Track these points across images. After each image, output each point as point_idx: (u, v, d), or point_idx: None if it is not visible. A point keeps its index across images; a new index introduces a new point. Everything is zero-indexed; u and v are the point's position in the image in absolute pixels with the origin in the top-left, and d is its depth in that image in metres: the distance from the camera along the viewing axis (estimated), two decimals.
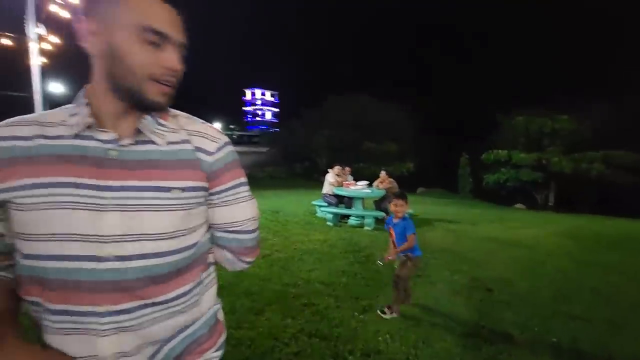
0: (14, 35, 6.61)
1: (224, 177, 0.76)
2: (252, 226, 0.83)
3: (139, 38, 0.62)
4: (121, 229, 0.63)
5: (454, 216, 9.30)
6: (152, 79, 0.64)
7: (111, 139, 0.65)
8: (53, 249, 0.62)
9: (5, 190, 0.62)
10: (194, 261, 0.74)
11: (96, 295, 0.63)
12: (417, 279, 4.01)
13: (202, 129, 0.75)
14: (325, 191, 7.46)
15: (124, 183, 0.64)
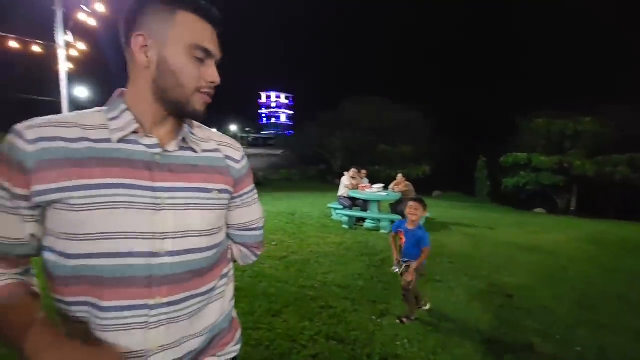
0: (44, 43, 6.90)
1: (245, 182, 0.87)
2: (262, 223, 0.97)
3: (188, 54, 0.69)
4: (173, 226, 0.70)
5: (471, 220, 9.15)
6: (197, 91, 0.71)
7: (155, 144, 0.71)
8: (109, 247, 0.64)
9: (56, 191, 0.63)
10: (221, 256, 0.83)
11: (148, 289, 0.67)
12: (435, 283, 3.98)
13: (226, 139, 0.86)
14: (340, 194, 7.47)
15: (174, 184, 0.71)
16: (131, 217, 0.66)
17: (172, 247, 0.70)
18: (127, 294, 0.66)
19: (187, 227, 0.72)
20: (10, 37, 6.48)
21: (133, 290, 0.66)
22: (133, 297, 0.66)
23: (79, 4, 6.30)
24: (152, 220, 0.68)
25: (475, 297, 3.67)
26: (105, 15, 6.36)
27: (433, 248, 5.47)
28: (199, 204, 0.74)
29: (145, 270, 0.67)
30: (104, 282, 0.65)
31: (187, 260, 0.72)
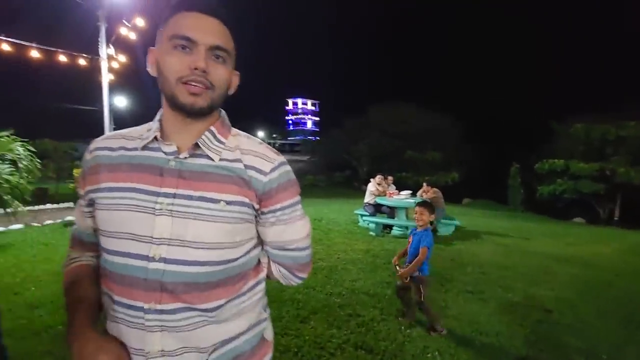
0: (89, 56, 7.39)
1: (278, 196, 0.76)
2: (305, 244, 0.85)
3: (169, 46, 0.68)
4: (169, 232, 0.68)
5: (504, 229, 8.78)
6: (181, 82, 0.68)
7: (172, 151, 0.72)
8: (116, 245, 0.71)
9: (93, 191, 0.75)
10: (237, 275, 0.75)
11: (144, 292, 0.68)
12: (466, 294, 3.85)
13: (258, 148, 0.77)
14: (367, 200, 7.42)
15: (177, 191, 0.70)
16: (132, 219, 0.69)
17: (167, 254, 0.68)
18: (128, 293, 0.69)
19: (184, 237, 0.69)
20: (59, 52, 7.00)
21: (132, 291, 0.69)
22: (132, 297, 0.69)
23: (121, 20, 6.71)
24: (151, 225, 0.68)
25: (510, 310, 3.51)
26: (144, 28, 6.72)
27: (464, 257, 5.36)
28: (201, 214, 0.69)
29: (141, 272, 0.68)
30: (114, 278, 0.71)
31: (181, 271, 0.69)
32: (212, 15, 0.70)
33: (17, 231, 6.33)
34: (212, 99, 0.71)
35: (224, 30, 0.71)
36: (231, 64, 0.74)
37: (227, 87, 0.75)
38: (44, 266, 4.29)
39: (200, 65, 0.66)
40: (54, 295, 3.38)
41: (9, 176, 5.52)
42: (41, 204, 9.47)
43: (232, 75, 0.76)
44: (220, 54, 0.70)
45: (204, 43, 0.67)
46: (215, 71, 0.69)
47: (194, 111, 0.70)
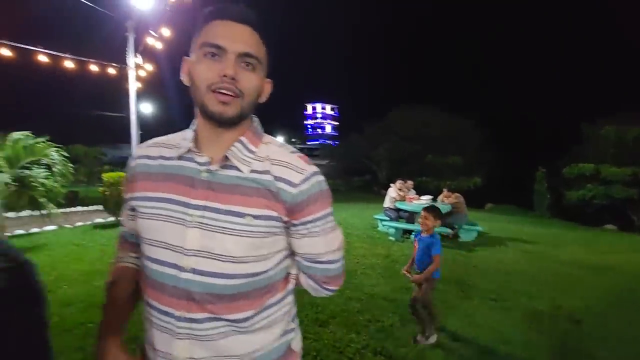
0: (117, 65, 7.73)
1: (309, 208, 0.74)
2: (337, 256, 0.83)
3: (200, 55, 0.69)
4: (199, 245, 0.69)
5: (529, 236, 8.49)
6: (211, 90, 0.67)
7: (205, 162, 0.72)
8: (153, 252, 0.74)
9: (133, 199, 0.79)
10: (265, 287, 0.75)
11: (175, 300, 0.71)
12: (489, 302, 3.75)
13: (289, 159, 0.74)
14: (387, 205, 7.36)
15: (206, 203, 0.70)
16: (167, 229, 0.72)
17: (196, 266, 0.69)
18: (162, 298, 0.72)
19: (213, 249, 0.69)
20: (90, 62, 7.37)
21: (165, 297, 0.72)
22: (165, 303, 0.72)
23: (148, 30, 7.00)
24: (183, 236, 0.70)
25: (536, 319, 3.39)
26: (170, 38, 6.98)
27: (487, 264, 5.23)
28: (228, 228, 0.69)
29: (173, 281, 0.71)
30: (150, 283, 0.75)
31: (209, 282, 0.70)
32: (242, 22, 0.69)
33: (51, 232, 6.66)
34: (242, 107, 0.70)
35: (254, 37, 0.70)
36: (262, 71, 0.73)
37: (257, 95, 0.73)
38: (75, 266, 4.50)
39: (228, 72, 0.66)
40: (84, 293, 3.54)
41: (44, 180, 5.84)
42: (72, 207, 9.94)
43: (264, 83, 0.75)
44: (250, 61, 0.69)
45: (233, 50, 0.67)
46: (245, 79, 0.68)
47: (223, 120, 0.69)
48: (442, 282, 4.24)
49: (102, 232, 6.67)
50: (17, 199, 5.57)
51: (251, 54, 0.69)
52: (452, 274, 4.61)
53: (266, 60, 0.73)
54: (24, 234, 6.40)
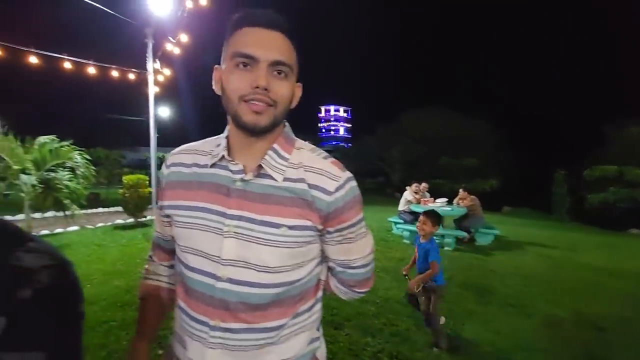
0: (137, 71, 7.95)
1: (344, 215, 0.73)
2: (369, 260, 0.83)
3: (232, 65, 0.67)
4: (235, 254, 0.69)
5: (548, 240, 8.28)
6: (243, 100, 0.66)
7: (238, 170, 0.71)
8: (190, 260, 0.74)
9: (168, 207, 0.78)
10: (299, 294, 0.75)
11: (210, 309, 0.70)
12: (507, 308, 3.68)
13: (322, 165, 0.73)
14: (402, 208, 7.31)
15: (242, 213, 0.70)
16: (204, 238, 0.71)
17: (232, 275, 0.69)
18: (197, 307, 0.72)
19: (249, 259, 0.69)
20: (112, 68, 7.61)
21: (201, 306, 0.72)
22: (200, 311, 0.72)
23: (166, 36, 7.19)
24: (219, 246, 0.70)
25: (557, 326, 3.31)
26: (187, 43, 7.15)
27: (505, 268, 5.14)
28: (263, 239, 0.69)
29: (209, 289, 0.71)
30: (186, 290, 0.75)
31: (245, 292, 0.70)
32: (273, 29, 0.68)
33: (74, 232, 6.88)
34: (275, 116, 0.69)
35: (285, 43, 0.69)
36: (293, 78, 0.72)
37: (289, 102, 0.72)
38: (97, 265, 4.64)
39: (261, 83, 0.65)
40: (106, 293, 3.65)
41: (68, 182, 6.06)
42: (94, 208, 10.24)
43: (295, 88, 0.74)
44: (282, 68, 0.68)
45: (265, 59, 0.65)
46: (277, 87, 0.67)
47: (257, 130, 0.68)
48: (459, 286, 4.21)
49: (122, 233, 6.85)
50: (42, 200, 5.80)
51: (283, 62, 0.67)
52: (469, 279, 4.55)
53: (297, 65, 0.72)
54: (49, 234, 6.64)
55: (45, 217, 7.84)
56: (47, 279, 0.45)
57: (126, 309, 3.25)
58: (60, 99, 37.36)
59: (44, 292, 0.44)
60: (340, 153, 33.14)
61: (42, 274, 0.45)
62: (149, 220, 8.02)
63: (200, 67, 10.29)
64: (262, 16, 0.68)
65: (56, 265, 0.48)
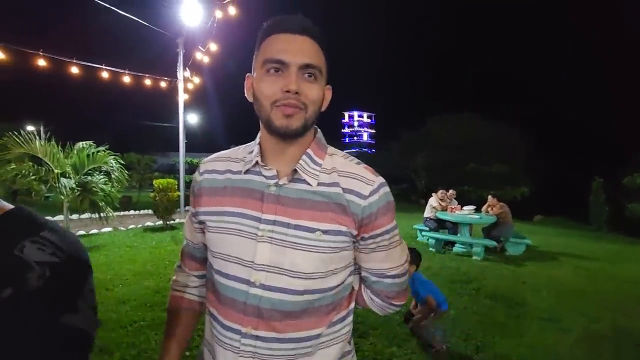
0: (168, 79, 8.29)
1: (378, 221, 0.72)
2: (404, 270, 0.81)
3: (263, 71, 0.68)
4: (269, 259, 0.69)
5: (585, 251, 7.83)
6: (275, 105, 0.67)
7: (272, 175, 0.72)
8: (223, 266, 0.73)
9: (203, 214, 0.78)
10: (331, 304, 0.74)
11: (243, 316, 0.70)
12: (542, 322, 3.50)
13: (356, 170, 0.73)
14: (427, 215, 7.16)
15: (276, 218, 0.69)
16: (237, 243, 0.71)
17: (265, 281, 0.69)
18: (229, 314, 0.72)
19: (282, 264, 0.69)
20: (145, 76, 7.98)
21: (233, 313, 0.71)
22: (232, 319, 0.71)
23: (196, 45, 7.47)
24: (253, 250, 0.69)
25: (596, 343, 3.11)
26: (216, 52, 7.40)
27: (538, 280, 4.92)
28: (296, 243, 0.69)
29: (242, 296, 0.70)
30: (218, 298, 0.75)
31: (277, 298, 0.69)
32: (301, 33, 0.68)
33: (107, 234, 7.20)
34: (306, 119, 0.69)
35: (314, 46, 0.69)
36: (323, 80, 0.72)
37: (320, 105, 0.72)
38: (128, 266, 4.82)
39: (292, 87, 0.65)
40: (136, 293, 3.78)
41: (103, 185, 6.37)
42: (126, 211, 10.68)
43: (325, 91, 0.73)
44: (312, 71, 0.68)
45: (294, 63, 0.66)
46: (308, 91, 0.68)
47: (288, 133, 0.68)
48: (489, 297, 4.06)
49: (152, 235, 7.09)
50: (80, 202, 6.13)
51: (312, 65, 0.67)
52: (499, 290, 4.38)
53: (326, 68, 0.72)
54: (84, 235, 6.98)
55: (81, 218, 8.26)
56: (35, 280, 0.41)
57: (155, 310, 3.35)
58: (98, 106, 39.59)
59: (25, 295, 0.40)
60: (364, 159, 32.93)
61: (33, 273, 0.41)
62: (177, 223, 8.26)
63: (227, 75, 10.54)
64: (289, 22, 0.69)
65: (55, 264, 0.43)
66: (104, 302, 3.49)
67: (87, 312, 0.46)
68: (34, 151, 5.98)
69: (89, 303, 0.47)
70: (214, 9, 6.89)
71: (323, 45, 0.71)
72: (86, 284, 0.47)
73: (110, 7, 7.08)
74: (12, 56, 6.91)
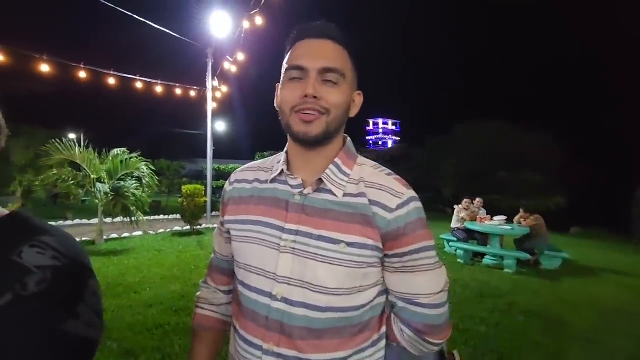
0: (197, 88, 8.57)
1: (406, 238, 0.66)
2: (438, 300, 0.70)
3: (286, 79, 0.68)
4: (290, 271, 0.66)
5: (629, 267, 7.27)
6: (294, 111, 0.66)
7: (297, 185, 0.70)
8: (247, 278, 0.71)
9: (229, 222, 0.77)
10: (358, 325, 0.68)
11: (265, 331, 0.67)
12: (584, 343, 3.25)
13: (384, 181, 0.69)
14: (455, 225, 6.92)
15: (299, 228, 0.67)
16: (261, 254, 0.69)
17: (287, 295, 0.66)
18: (251, 328, 0.69)
19: (304, 277, 0.65)
20: (176, 86, 8.29)
21: (255, 327, 0.68)
22: (254, 333, 0.68)
23: (224, 55, 7.70)
24: (276, 261, 0.67)
25: None
26: (243, 62, 7.58)
27: (578, 297, 4.60)
28: (320, 255, 0.65)
29: (265, 310, 0.67)
30: (242, 310, 0.72)
31: (302, 315, 0.65)
32: (321, 37, 0.67)
33: (138, 237, 7.46)
34: (327, 124, 0.66)
35: (336, 50, 0.67)
36: (348, 84, 0.68)
37: (344, 110, 0.69)
38: (156, 270, 4.95)
39: (309, 92, 0.64)
40: (163, 297, 3.86)
41: (135, 190, 6.62)
42: (156, 215, 11.07)
43: (352, 96, 0.71)
44: (333, 75, 0.66)
45: (313, 67, 0.65)
46: (328, 95, 0.65)
47: (308, 140, 0.66)
48: (523, 314, 3.83)
49: (179, 240, 7.27)
50: (113, 206, 6.39)
51: (332, 68, 0.65)
52: (534, 307, 4.12)
53: (352, 72, 0.70)
54: (117, 238, 7.26)
55: (114, 222, 8.62)
56: (35, 285, 0.39)
57: (180, 315, 3.39)
58: (132, 114, 41.66)
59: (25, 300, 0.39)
60: (388, 167, 32.51)
61: (32, 278, 0.40)
62: (204, 229, 8.44)
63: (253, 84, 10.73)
64: (311, 28, 0.68)
65: (57, 267, 0.42)
66: (132, 305, 3.58)
67: (90, 316, 0.44)
68: (73, 157, 6.32)
69: (92, 307, 0.45)
70: (241, 19, 7.09)
71: (349, 49, 0.69)
72: (88, 288, 0.46)
73: (144, 21, 7.44)
74: (57, 69, 7.39)
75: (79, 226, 9.30)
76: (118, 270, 4.90)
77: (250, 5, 6.93)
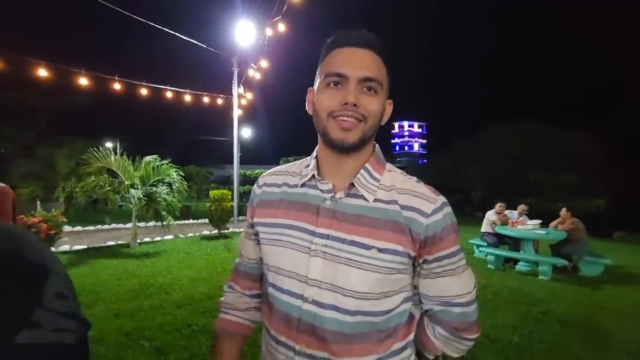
0: (223, 96, 8.84)
1: (443, 242, 0.68)
2: (473, 297, 0.74)
3: (323, 84, 0.68)
4: (321, 275, 0.67)
5: None
6: (332, 117, 0.67)
7: (328, 189, 0.71)
8: (278, 280, 0.72)
9: (257, 224, 0.78)
10: (386, 330, 0.70)
11: (296, 333, 0.68)
12: (630, 356, 3.02)
13: (416, 187, 0.70)
14: (485, 230, 6.67)
15: (331, 232, 0.68)
16: (292, 257, 0.70)
17: (318, 297, 0.67)
18: (283, 329, 0.70)
19: (335, 281, 0.66)
20: (203, 94, 8.59)
21: (287, 328, 0.70)
22: (286, 334, 0.70)
23: (249, 63, 7.90)
24: (306, 265, 0.68)
25: None
26: (267, 69, 7.75)
27: (621, 307, 4.31)
28: (351, 260, 0.66)
29: (296, 311, 0.69)
30: (273, 312, 0.73)
31: (332, 317, 0.66)
32: (363, 46, 0.68)
33: (168, 241, 7.74)
34: (364, 132, 0.68)
35: (375, 60, 0.69)
36: (383, 94, 0.70)
37: (379, 118, 0.71)
38: (185, 272, 5.12)
39: (350, 99, 0.65)
40: (191, 298, 3.98)
41: (166, 196, 6.89)
42: (185, 219, 11.45)
43: (385, 105, 0.72)
44: (372, 85, 0.67)
45: (354, 76, 0.66)
46: (367, 103, 0.67)
47: (345, 146, 0.67)
48: (560, 324, 3.63)
49: (207, 243, 7.48)
50: (145, 211, 6.67)
51: (372, 78, 0.67)
52: (573, 316, 3.89)
53: (387, 81, 0.71)
54: (149, 242, 7.57)
55: (147, 226, 9.00)
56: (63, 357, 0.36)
57: (207, 316, 3.48)
58: (163, 122, 43.58)
59: None
60: (414, 170, 32.00)
61: None
62: (231, 232, 8.64)
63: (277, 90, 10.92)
64: (351, 36, 0.69)
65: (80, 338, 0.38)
66: (163, 305, 3.72)
67: (56, 321, 0.37)
68: (110, 165, 6.67)
69: (57, 310, 0.37)
70: (264, 27, 7.26)
71: (385, 59, 0.71)
72: (45, 290, 0.37)
73: (174, 33, 7.78)
74: (94, 82, 7.88)
75: (116, 230, 9.78)
76: (150, 271, 5.11)
77: (273, 12, 7.11)
